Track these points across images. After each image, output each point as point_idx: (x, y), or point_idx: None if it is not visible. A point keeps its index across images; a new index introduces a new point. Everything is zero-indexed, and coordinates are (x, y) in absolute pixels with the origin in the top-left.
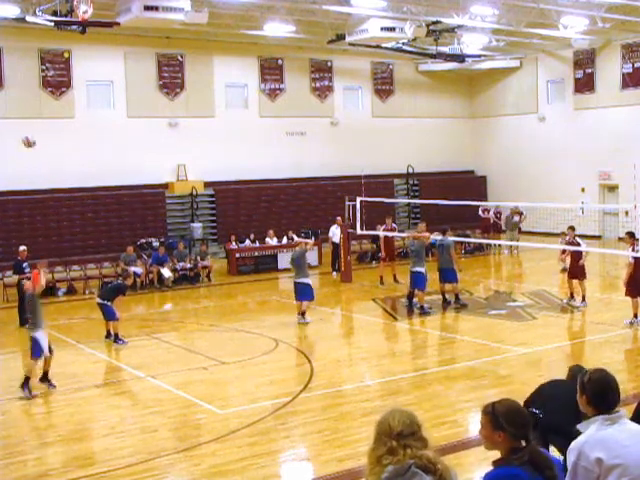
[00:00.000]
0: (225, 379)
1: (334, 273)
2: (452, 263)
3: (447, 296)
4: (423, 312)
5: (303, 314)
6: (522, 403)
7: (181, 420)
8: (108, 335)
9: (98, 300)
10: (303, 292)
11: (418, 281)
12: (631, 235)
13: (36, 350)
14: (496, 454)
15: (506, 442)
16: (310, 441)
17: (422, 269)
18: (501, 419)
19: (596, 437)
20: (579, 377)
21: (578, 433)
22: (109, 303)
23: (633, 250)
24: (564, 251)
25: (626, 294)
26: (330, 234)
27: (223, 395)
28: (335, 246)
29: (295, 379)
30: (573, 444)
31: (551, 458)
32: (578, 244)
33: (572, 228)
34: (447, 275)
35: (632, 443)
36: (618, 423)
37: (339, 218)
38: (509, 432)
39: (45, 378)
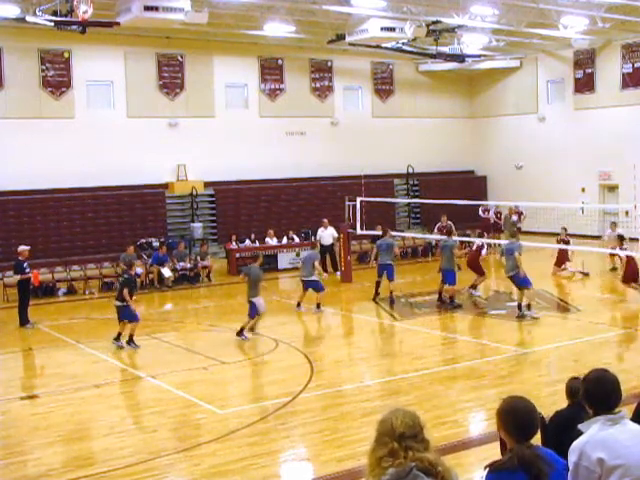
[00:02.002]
0: (225, 379)
1: (325, 275)
2: (453, 264)
3: (443, 296)
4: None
5: (318, 305)
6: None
7: (181, 420)
8: (117, 338)
9: (116, 303)
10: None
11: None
12: None
13: (252, 312)
14: (491, 457)
15: (508, 441)
16: (310, 441)
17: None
18: (502, 416)
19: (598, 437)
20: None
21: (580, 433)
22: (126, 303)
23: None
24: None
25: None
26: (317, 237)
27: (223, 395)
28: (323, 248)
29: (295, 379)
30: (575, 444)
31: (551, 460)
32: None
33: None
34: (446, 276)
35: (633, 444)
36: (620, 423)
37: (325, 220)
38: (507, 430)
39: (241, 332)
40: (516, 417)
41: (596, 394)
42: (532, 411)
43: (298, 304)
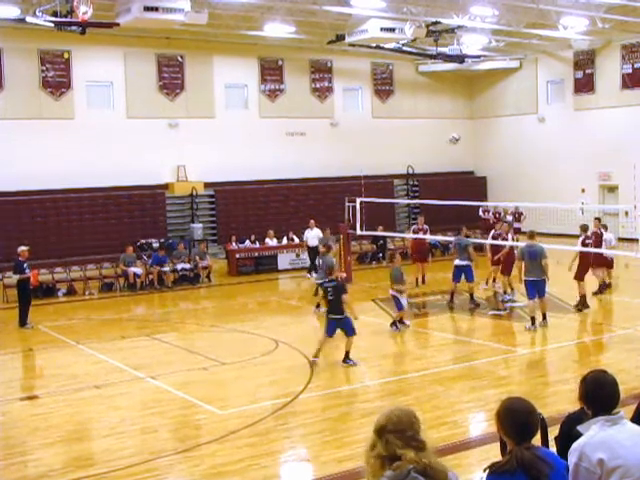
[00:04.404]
0: (225, 380)
1: (308, 275)
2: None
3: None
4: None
5: None
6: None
7: (181, 421)
8: (316, 356)
9: (335, 316)
10: None
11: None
12: None
13: (329, 330)
14: (491, 458)
15: (508, 442)
16: (310, 442)
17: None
18: (501, 417)
19: (597, 438)
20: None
21: (579, 434)
22: (346, 315)
23: None
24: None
25: None
26: (304, 238)
27: (223, 396)
28: (310, 249)
29: (295, 380)
30: (574, 445)
31: (551, 461)
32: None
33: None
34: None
35: (633, 444)
36: (619, 424)
37: (312, 221)
38: (506, 432)
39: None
40: (515, 418)
41: (595, 395)
42: (531, 412)
43: (317, 305)
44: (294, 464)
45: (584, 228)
